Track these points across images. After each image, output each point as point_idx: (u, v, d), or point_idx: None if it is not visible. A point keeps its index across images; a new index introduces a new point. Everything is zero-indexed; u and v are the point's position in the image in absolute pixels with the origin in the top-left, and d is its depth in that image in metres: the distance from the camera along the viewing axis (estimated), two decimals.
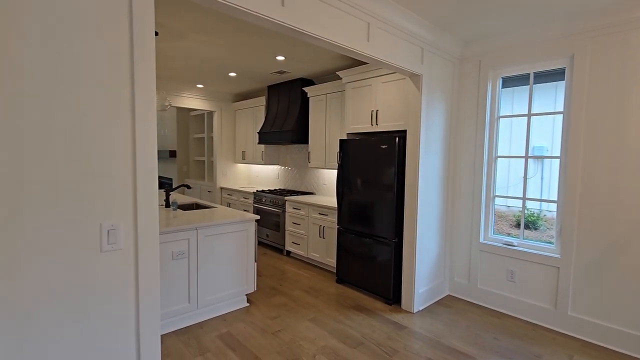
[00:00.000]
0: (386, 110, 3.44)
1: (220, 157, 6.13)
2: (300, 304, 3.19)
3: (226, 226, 2.93)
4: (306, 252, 4.36)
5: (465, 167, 3.39)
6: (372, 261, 3.36)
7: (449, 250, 3.50)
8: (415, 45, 2.87)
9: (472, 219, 3.33)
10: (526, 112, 3.11)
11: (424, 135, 3.04)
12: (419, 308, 3.14)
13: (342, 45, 2.27)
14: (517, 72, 3.13)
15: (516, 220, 7.44)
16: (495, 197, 3.33)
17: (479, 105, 3.27)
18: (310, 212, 4.28)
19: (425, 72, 2.99)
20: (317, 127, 4.54)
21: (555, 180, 2.89)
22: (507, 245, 3.14)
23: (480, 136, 3.27)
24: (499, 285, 3.17)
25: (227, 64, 4.22)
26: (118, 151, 1.35)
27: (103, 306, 1.34)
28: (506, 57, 3.08)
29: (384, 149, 3.24)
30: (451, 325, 2.84)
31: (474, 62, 3.30)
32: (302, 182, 5.28)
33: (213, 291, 2.89)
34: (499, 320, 2.96)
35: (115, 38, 1.32)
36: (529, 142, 3.13)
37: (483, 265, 3.28)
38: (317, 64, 4.15)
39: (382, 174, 3.26)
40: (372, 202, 3.36)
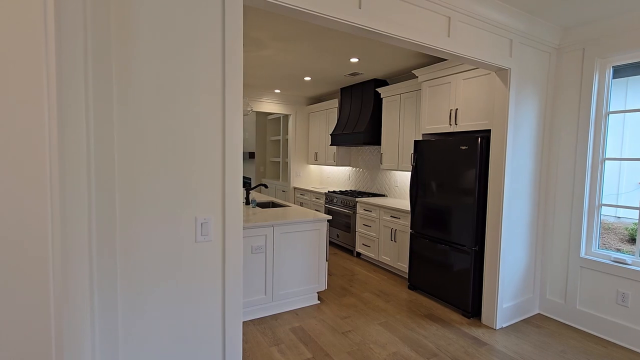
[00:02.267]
0: (466, 109, 3.21)
1: (294, 158, 6.40)
2: (370, 306, 3.16)
3: (300, 225, 3.05)
4: (377, 255, 4.30)
5: (563, 171, 2.98)
6: (449, 269, 3.17)
7: (540, 264, 3.12)
8: (503, 36, 2.62)
9: (571, 230, 2.92)
10: None
11: (511, 135, 2.76)
12: (503, 325, 2.86)
13: (420, 43, 2.19)
14: (631, 60, 2.65)
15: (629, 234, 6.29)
16: (602, 206, 2.86)
17: (582, 100, 2.85)
18: (381, 214, 4.21)
19: (514, 65, 2.72)
20: (390, 128, 4.45)
21: None
22: (617, 263, 2.67)
23: (583, 136, 2.85)
24: (605, 309, 2.72)
25: (302, 69, 4.39)
26: (210, 154, 1.50)
27: (196, 290, 1.51)
28: (617, 43, 2.63)
29: (463, 150, 3.03)
30: (542, 348, 2.52)
31: (576, 51, 2.88)
32: (373, 183, 5.22)
33: (287, 286, 3.03)
34: (604, 349, 2.53)
35: (211, 53, 1.47)
36: (624, 139, 2.63)
37: (584, 284, 2.84)
38: (391, 64, 4.07)
39: (461, 177, 3.05)
40: (449, 207, 3.16)
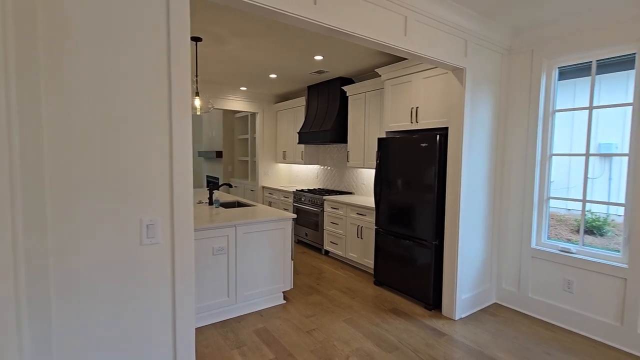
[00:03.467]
0: (427, 107, 3.30)
1: (262, 157, 6.31)
2: (336, 304, 3.18)
3: (264, 224, 3.01)
4: (344, 252, 4.34)
5: (515, 166, 3.14)
6: (411, 264, 3.24)
7: (496, 256, 3.26)
8: (458, 37, 2.71)
9: (523, 223, 3.08)
10: (587, 105, 2.80)
11: (467, 132, 2.86)
12: (462, 315, 2.97)
13: (377, 41, 2.21)
14: (576, 61, 2.83)
15: (578, 225, 6.74)
16: (550, 199, 3.04)
17: (532, 99, 3.01)
18: (348, 211, 4.25)
19: (470, 65, 2.82)
20: (356, 126, 4.49)
21: (625, 180, 2.57)
22: (564, 252, 2.85)
23: (532, 132, 3.01)
24: (553, 296, 2.89)
25: (267, 66, 4.32)
26: (156, 151, 1.43)
27: (142, 296, 1.44)
28: (563, 45, 2.79)
29: (424, 147, 3.11)
30: (497, 336, 2.64)
31: (526, 53, 3.04)
32: (341, 181, 5.26)
33: (251, 287, 2.97)
34: (552, 333, 2.70)
35: (154, 43, 1.40)
36: (590, 139, 2.82)
37: (535, 273, 3.01)
38: (355, 62, 4.10)
39: (422, 174, 3.13)
40: (411, 203, 3.24)
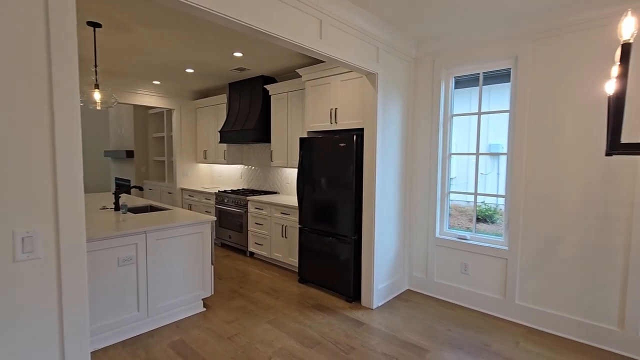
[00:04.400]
0: (345, 109, 3.45)
1: (181, 157, 5.90)
2: (260, 306, 3.13)
3: (179, 229, 2.81)
4: (269, 253, 4.30)
5: (421, 165, 3.47)
6: (334, 259, 3.36)
7: (408, 246, 3.57)
8: (371, 44, 2.89)
9: (429, 215, 3.42)
10: (477, 111, 3.24)
11: (380, 133, 3.07)
12: (379, 304, 3.18)
13: (294, 42, 2.24)
14: (467, 72, 3.24)
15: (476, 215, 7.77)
16: (450, 193, 3.43)
17: (434, 104, 3.36)
18: (272, 211, 4.22)
19: (381, 71, 3.02)
20: (279, 126, 4.48)
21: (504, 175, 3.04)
22: (461, 239, 3.25)
23: (435, 134, 3.36)
24: (453, 278, 3.28)
25: (181, 59, 4.05)
26: (34, 152, 1.23)
27: (20, 321, 1.22)
28: (457, 57, 3.17)
29: (342, 147, 3.25)
30: (408, 320, 2.90)
31: (428, 62, 3.38)
32: (266, 181, 5.20)
33: (165, 297, 2.76)
34: (453, 312, 3.06)
35: (26, 25, 1.20)
36: (482, 140, 3.26)
37: (439, 259, 3.38)
38: (276, 62, 4.09)
39: (341, 172, 3.26)
40: (332, 201, 3.36)
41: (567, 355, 2.42)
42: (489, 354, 2.41)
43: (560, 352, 2.45)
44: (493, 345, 2.52)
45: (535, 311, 2.80)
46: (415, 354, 2.39)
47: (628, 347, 2.42)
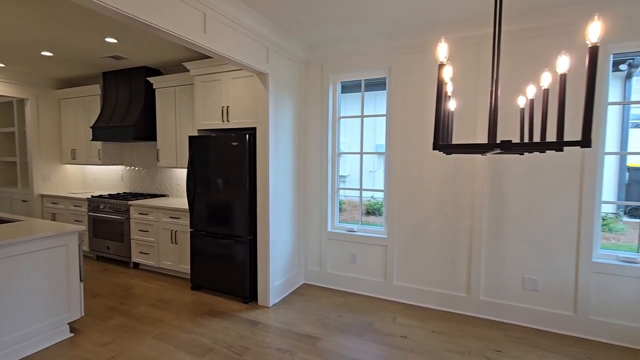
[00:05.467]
0: (237, 107, 3.38)
1: (39, 156, 4.89)
2: (144, 321, 2.84)
3: (32, 244, 2.33)
4: (157, 262, 3.92)
5: (313, 163, 3.65)
6: (229, 262, 3.27)
7: (303, 242, 3.72)
8: (261, 43, 2.90)
9: (321, 211, 3.62)
10: (365, 114, 3.57)
11: (272, 132, 3.11)
12: (275, 301, 3.23)
13: (173, 34, 2.09)
14: (351, 78, 3.54)
15: (366, 208, 8.55)
16: (340, 190, 3.70)
17: (323, 106, 3.57)
18: (160, 216, 3.86)
19: (272, 71, 3.06)
20: (166, 123, 4.12)
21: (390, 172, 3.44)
22: (349, 232, 3.54)
23: (324, 135, 3.57)
24: (344, 268, 3.56)
25: (34, 40, 3.36)
26: None
27: None
28: (343, 64, 3.44)
29: (235, 146, 3.18)
30: (303, 312, 3.02)
31: (318, 66, 3.57)
32: (153, 183, 4.72)
33: (14, 328, 2.25)
34: (344, 299, 3.31)
35: None
36: (365, 140, 3.61)
37: (332, 252, 3.61)
38: (161, 52, 3.75)
39: (234, 172, 3.19)
40: (225, 201, 3.25)
41: (433, 322, 2.87)
42: (372, 332, 2.70)
43: (427, 321, 2.89)
44: (375, 324, 2.83)
45: (409, 289, 3.25)
46: (308, 344, 2.51)
47: (474, 308, 3.01)
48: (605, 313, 2.60)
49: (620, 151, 6.48)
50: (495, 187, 2.89)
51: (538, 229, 2.77)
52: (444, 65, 0.97)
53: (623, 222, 6.18)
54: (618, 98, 6.53)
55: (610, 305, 2.59)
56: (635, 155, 2.81)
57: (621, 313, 2.56)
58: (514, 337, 2.65)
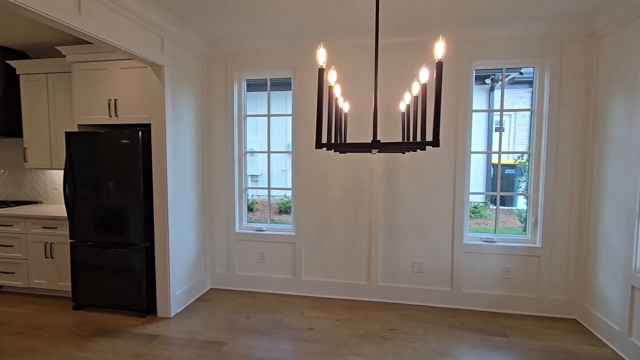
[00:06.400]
0: (128, 101, 3.04)
1: None
2: (8, 354, 2.35)
3: None
4: (27, 282, 3.29)
5: (219, 162, 3.51)
6: (121, 273, 2.93)
7: (209, 244, 3.55)
8: (153, 32, 2.66)
9: (228, 212, 3.51)
10: (267, 113, 3.57)
11: (171, 130, 2.89)
12: (177, 310, 3.02)
13: (37, 12, 1.77)
14: (257, 77, 3.51)
15: (279, 207, 8.60)
16: (248, 189, 3.64)
17: (228, 104, 3.46)
18: (28, 227, 3.24)
19: (169, 63, 2.84)
20: (36, 116, 3.47)
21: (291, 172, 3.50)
22: (258, 231, 3.51)
23: (230, 133, 3.47)
24: (253, 268, 3.52)
25: None
26: None
27: None
28: (248, 62, 3.38)
29: (125, 144, 2.86)
30: (208, 318, 2.89)
31: (222, 62, 3.44)
32: (20, 188, 3.93)
33: None
34: (252, 299, 3.28)
35: None
36: (271, 139, 3.62)
37: (240, 253, 3.54)
38: (25, 31, 3.14)
39: (125, 173, 2.87)
40: (116, 206, 2.90)
41: (338, 311, 3.05)
42: (280, 329, 2.74)
43: (333, 311, 3.06)
44: (283, 320, 2.87)
45: (317, 283, 3.39)
46: (213, 350, 2.42)
47: (373, 294, 3.29)
48: (473, 285, 3.13)
49: (487, 150, 7.84)
50: (389, 183, 3.21)
51: (423, 219, 3.17)
52: (324, 69, 1.04)
53: (490, 209, 7.50)
54: (484, 106, 7.89)
55: (476, 278, 3.12)
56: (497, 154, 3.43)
57: (484, 284, 3.11)
58: (405, 315, 2.99)
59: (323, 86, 1.04)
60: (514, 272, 3.05)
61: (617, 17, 2.46)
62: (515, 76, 7.16)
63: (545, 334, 2.69)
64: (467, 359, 2.36)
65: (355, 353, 2.41)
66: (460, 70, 3.01)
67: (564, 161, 2.91)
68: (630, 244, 2.34)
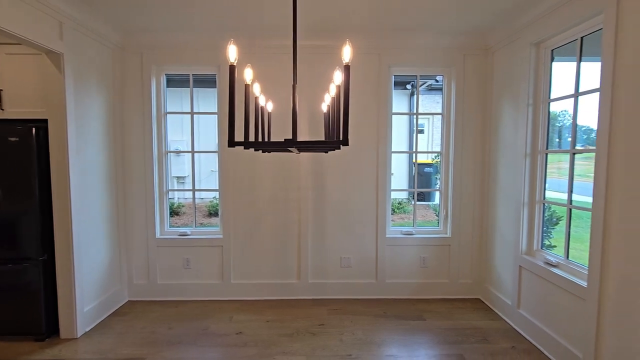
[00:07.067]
0: (17, 92, 2.62)
1: None
2: None
3: None
4: None
5: (136, 163, 3.22)
6: (13, 292, 2.51)
7: (125, 254, 3.24)
8: (49, 15, 2.33)
9: (147, 217, 3.25)
10: (189, 111, 3.38)
11: (73, 127, 2.57)
12: (86, 329, 2.69)
13: None
14: (179, 72, 3.31)
15: (208, 209, 8.22)
16: (169, 192, 3.41)
17: (145, 100, 3.19)
18: None
19: (70, 52, 2.52)
20: None
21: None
22: (182, 236, 3.31)
23: (148, 132, 3.21)
24: (177, 276, 3.30)
25: None
26: None
27: None
28: (168, 55, 3.16)
29: (14, 142, 2.46)
30: (124, 334, 2.64)
31: (136, 54, 3.16)
32: None
33: None
34: (176, 309, 3.08)
35: None
36: (195, 138, 3.44)
37: (162, 260, 3.29)
38: None
39: (15, 176, 2.47)
40: (2, 216, 2.48)
41: (268, 312, 3.02)
42: (207, 337, 2.62)
43: (263, 312, 3.02)
44: (211, 327, 2.75)
45: (246, 285, 3.31)
46: None
47: (304, 291, 3.34)
48: (395, 275, 3.36)
49: (409, 150, 8.50)
50: (317, 182, 3.28)
51: (350, 216, 3.31)
52: (235, 66, 1.02)
53: (412, 204, 8.14)
54: (407, 110, 8.55)
55: (398, 269, 3.36)
56: (415, 154, 3.74)
57: (404, 273, 3.36)
58: (334, 309, 3.09)
59: (235, 84, 1.02)
60: (430, 261, 3.35)
61: (505, 35, 2.87)
62: (432, 83, 7.88)
63: (456, 314, 3.01)
64: (389, 344, 2.53)
65: (285, 352, 2.41)
66: (381, 75, 3.21)
67: (467, 160, 3.29)
68: (517, 231, 2.75)
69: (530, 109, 2.64)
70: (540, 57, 2.59)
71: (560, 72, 2.58)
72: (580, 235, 2.93)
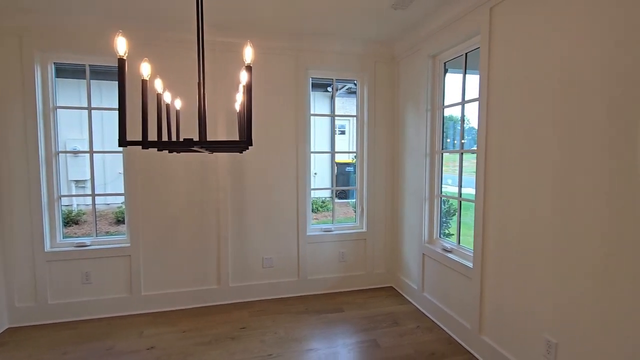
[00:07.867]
0: None
1: None
2: None
3: None
4: None
5: (16, 166, 2.74)
6: None
7: (3, 273, 2.73)
8: None
9: (33, 227, 2.78)
10: (87, 106, 3.00)
11: None
12: None
13: None
14: (71, 61, 2.91)
15: (116, 217, 7.39)
16: (62, 197, 2.98)
17: (27, 91, 2.73)
18: None
19: None
20: None
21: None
22: (80, 247, 2.92)
23: (32, 128, 2.76)
24: (74, 293, 2.91)
25: None
26: None
27: None
28: (56, 41, 2.75)
29: None
30: None
31: (14, 37, 2.69)
32: None
33: None
34: (73, 331, 2.71)
35: None
36: (92, 136, 3.06)
37: (54, 277, 2.86)
38: None
39: None
40: None
41: (184, 322, 2.85)
42: (112, 357, 2.36)
43: (179, 323, 2.84)
44: (116, 346, 2.49)
45: (159, 296, 3.07)
46: None
47: (225, 296, 3.23)
48: (316, 272, 3.47)
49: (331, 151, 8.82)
50: (236, 182, 3.20)
51: (271, 216, 3.31)
52: (124, 60, 0.94)
53: (335, 202, 8.47)
54: (328, 112, 8.86)
55: (318, 265, 3.47)
56: (334, 153, 3.89)
57: (325, 269, 3.49)
58: (256, 311, 3.06)
59: (124, 78, 0.94)
60: (348, 255, 3.54)
61: (408, 46, 3.17)
62: (350, 86, 8.31)
63: (371, 302, 3.23)
64: (309, 339, 2.60)
65: None
66: (299, 76, 3.27)
67: (380, 160, 3.55)
68: (421, 222, 3.07)
69: (429, 114, 2.98)
70: (436, 68, 2.93)
71: (453, 82, 2.96)
72: (471, 223, 3.41)
